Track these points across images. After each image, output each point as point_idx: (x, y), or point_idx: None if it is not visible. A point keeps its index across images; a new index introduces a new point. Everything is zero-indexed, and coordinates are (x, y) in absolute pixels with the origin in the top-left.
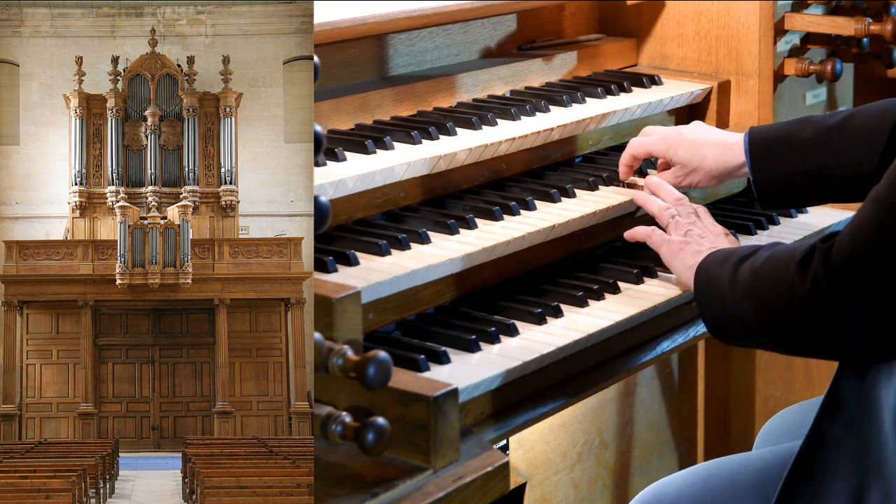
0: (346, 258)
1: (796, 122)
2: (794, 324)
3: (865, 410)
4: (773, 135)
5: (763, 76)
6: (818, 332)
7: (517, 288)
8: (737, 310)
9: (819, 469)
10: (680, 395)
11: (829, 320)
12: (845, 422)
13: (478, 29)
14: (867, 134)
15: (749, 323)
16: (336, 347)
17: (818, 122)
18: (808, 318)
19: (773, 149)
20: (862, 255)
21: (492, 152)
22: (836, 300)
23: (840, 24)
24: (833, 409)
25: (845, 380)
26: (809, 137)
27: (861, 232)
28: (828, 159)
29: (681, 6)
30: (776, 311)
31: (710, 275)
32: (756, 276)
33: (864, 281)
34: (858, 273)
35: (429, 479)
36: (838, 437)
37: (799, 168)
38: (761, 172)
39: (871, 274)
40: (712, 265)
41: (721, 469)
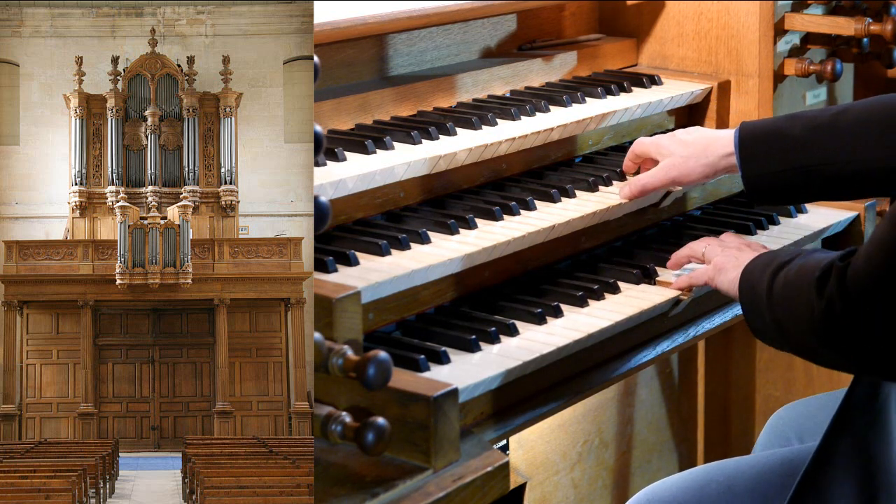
0: (346, 258)
1: (787, 117)
2: (816, 343)
3: (876, 428)
4: (764, 130)
5: (763, 76)
6: (838, 352)
7: (517, 288)
8: (773, 321)
9: (827, 484)
10: (680, 395)
11: (845, 342)
12: (855, 439)
13: (478, 29)
14: (857, 131)
15: (783, 335)
16: (336, 347)
17: (809, 119)
18: (826, 339)
19: (763, 144)
20: (876, 277)
21: (492, 152)
22: (850, 322)
23: (840, 24)
24: (843, 425)
25: (856, 397)
26: (799, 134)
27: (876, 254)
28: (817, 157)
29: (681, 6)
30: (799, 329)
31: (752, 281)
32: (785, 290)
33: (878, 304)
34: (873, 296)
35: (429, 479)
36: (848, 453)
37: (788, 165)
38: (750, 168)
39: (887, 297)
40: (754, 272)
41: (718, 473)
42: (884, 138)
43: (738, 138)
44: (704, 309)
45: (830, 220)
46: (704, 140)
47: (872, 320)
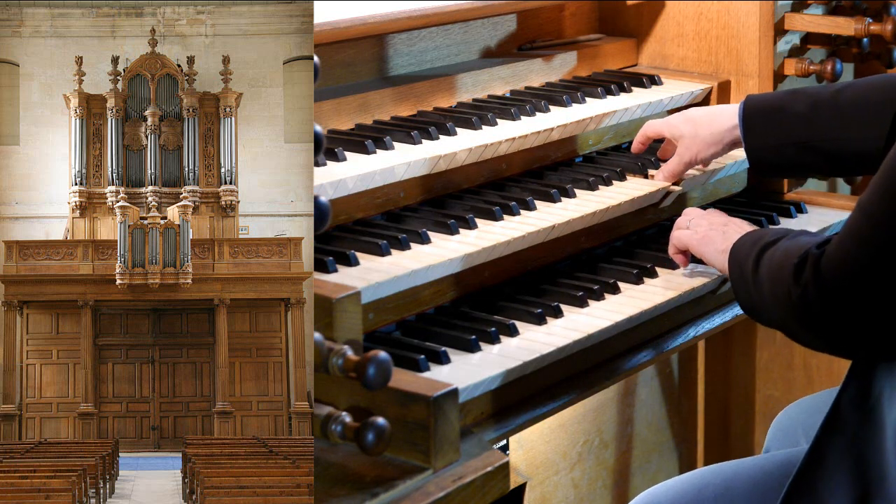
0: (346, 258)
1: (790, 92)
2: (796, 326)
3: (868, 427)
4: (768, 104)
5: (763, 76)
6: (814, 334)
7: (517, 288)
8: (758, 299)
9: (820, 484)
10: (680, 395)
11: (818, 325)
12: (847, 438)
13: (478, 29)
14: (856, 109)
15: (767, 314)
16: (336, 347)
17: (811, 95)
18: (802, 322)
19: (766, 118)
20: (848, 266)
21: (492, 152)
22: (823, 308)
23: (840, 24)
24: (834, 424)
25: (848, 396)
26: (801, 109)
27: (846, 242)
28: (817, 132)
29: (681, 6)
30: (780, 311)
31: (740, 258)
32: (769, 272)
33: (850, 292)
34: (843, 284)
35: (429, 479)
36: (840, 452)
37: (788, 139)
38: (753, 140)
39: (858, 285)
40: (742, 249)
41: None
42: (879, 117)
43: (743, 111)
44: (704, 309)
45: (830, 220)
46: (711, 114)
47: (842, 306)
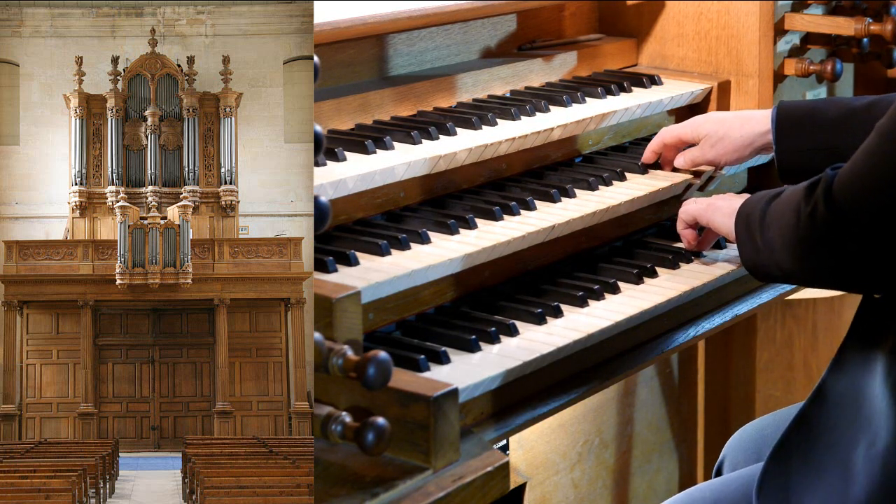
0: (346, 258)
1: (824, 100)
2: (804, 248)
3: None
4: (801, 110)
5: (763, 76)
6: (823, 257)
7: (517, 288)
8: (763, 243)
9: (818, 422)
10: (680, 395)
11: (829, 248)
12: (848, 381)
13: (478, 29)
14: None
15: (775, 251)
16: (336, 347)
17: (845, 104)
18: (813, 241)
19: (799, 123)
20: (861, 183)
21: (492, 152)
22: (832, 227)
23: (840, 24)
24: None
25: (850, 341)
26: (834, 117)
27: (860, 162)
28: (846, 140)
29: (681, 6)
30: (790, 234)
31: (747, 212)
32: (777, 206)
33: (861, 212)
34: (854, 201)
35: (429, 479)
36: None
37: (818, 145)
38: (783, 143)
39: (866, 203)
40: (749, 204)
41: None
42: None
43: (776, 116)
44: (704, 309)
45: None
46: (741, 117)
47: (852, 225)
